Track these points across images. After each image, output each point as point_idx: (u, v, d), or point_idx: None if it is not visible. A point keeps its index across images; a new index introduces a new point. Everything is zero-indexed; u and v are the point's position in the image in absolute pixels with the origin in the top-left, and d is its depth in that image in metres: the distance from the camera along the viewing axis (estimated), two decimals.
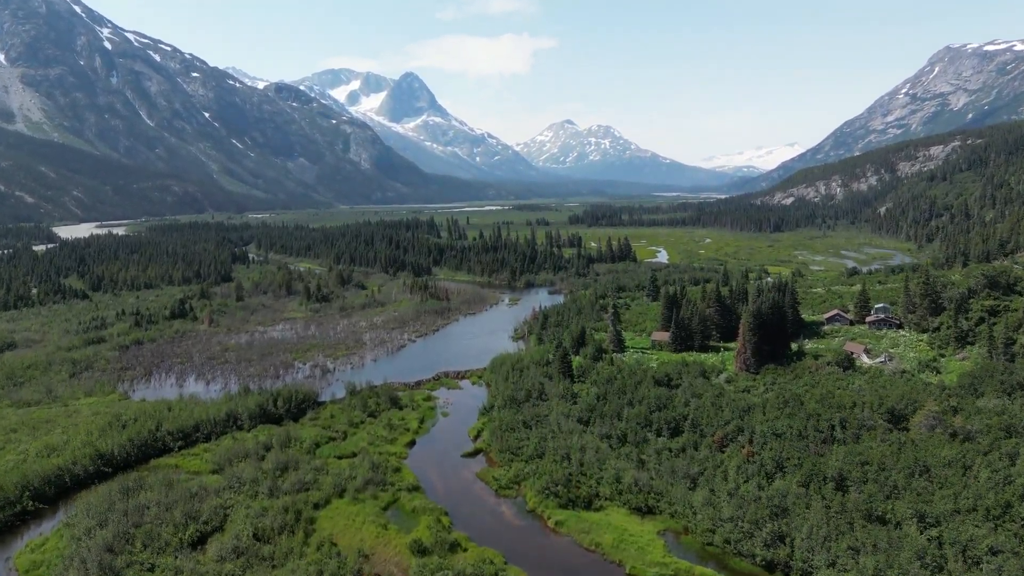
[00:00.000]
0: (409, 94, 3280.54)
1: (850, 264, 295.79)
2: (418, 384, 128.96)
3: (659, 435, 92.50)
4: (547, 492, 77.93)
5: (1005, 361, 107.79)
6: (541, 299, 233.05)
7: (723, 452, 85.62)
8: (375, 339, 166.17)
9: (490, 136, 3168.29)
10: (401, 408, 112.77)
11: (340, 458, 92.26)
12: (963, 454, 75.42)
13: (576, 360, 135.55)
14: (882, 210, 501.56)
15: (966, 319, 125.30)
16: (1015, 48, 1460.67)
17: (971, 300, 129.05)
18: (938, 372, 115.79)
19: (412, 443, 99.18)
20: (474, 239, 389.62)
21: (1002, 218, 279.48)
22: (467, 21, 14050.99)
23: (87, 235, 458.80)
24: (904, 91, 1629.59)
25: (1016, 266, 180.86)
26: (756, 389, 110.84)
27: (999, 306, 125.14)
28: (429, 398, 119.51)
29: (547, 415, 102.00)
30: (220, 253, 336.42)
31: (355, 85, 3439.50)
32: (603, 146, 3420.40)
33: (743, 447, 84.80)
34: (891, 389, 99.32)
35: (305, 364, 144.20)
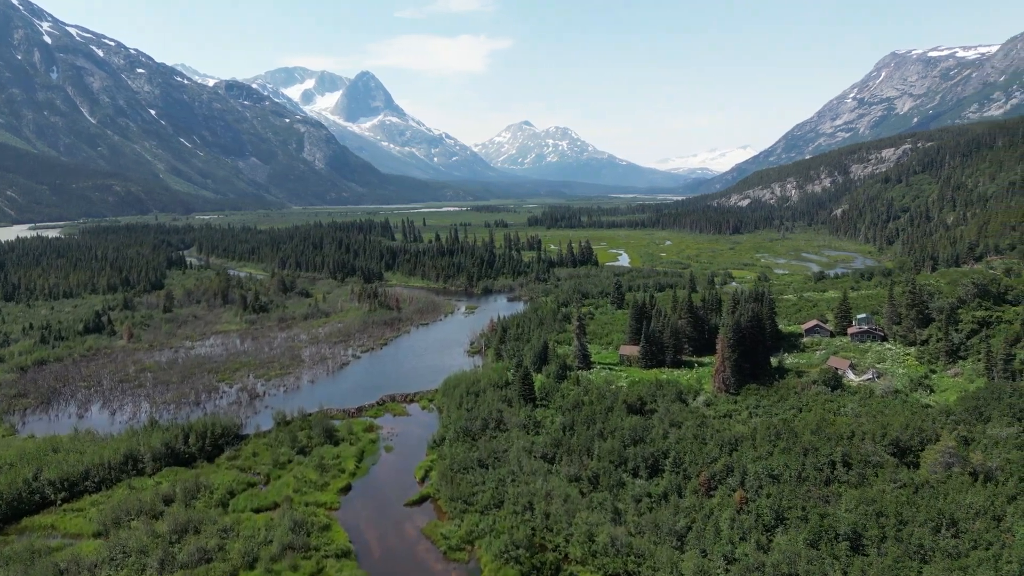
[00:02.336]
0: (365, 93, 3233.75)
1: (814, 268, 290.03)
2: (359, 411, 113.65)
3: (636, 475, 79.60)
4: (506, 556, 64.12)
5: (1005, 379, 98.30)
6: (500, 306, 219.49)
7: (711, 497, 73.14)
8: (315, 356, 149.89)
9: (448, 136, 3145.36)
10: (337, 443, 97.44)
11: (258, 511, 76.88)
12: (990, 501, 64.34)
13: (539, 379, 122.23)
14: (838, 212, 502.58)
15: (956, 331, 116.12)
16: (958, 55, 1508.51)
17: (960, 310, 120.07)
18: (931, 391, 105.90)
19: (347, 488, 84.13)
20: (430, 241, 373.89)
21: (964, 220, 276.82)
22: (425, 20, 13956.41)
23: (14, 238, 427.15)
24: (852, 95, 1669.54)
25: (992, 271, 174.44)
26: (739, 414, 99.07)
27: (991, 317, 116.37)
28: (371, 428, 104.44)
29: (506, 450, 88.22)
30: (155, 257, 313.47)
31: (309, 84, 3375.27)
32: (561, 147, 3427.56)
33: (734, 491, 72.46)
34: (892, 416, 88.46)
35: (232, 387, 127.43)
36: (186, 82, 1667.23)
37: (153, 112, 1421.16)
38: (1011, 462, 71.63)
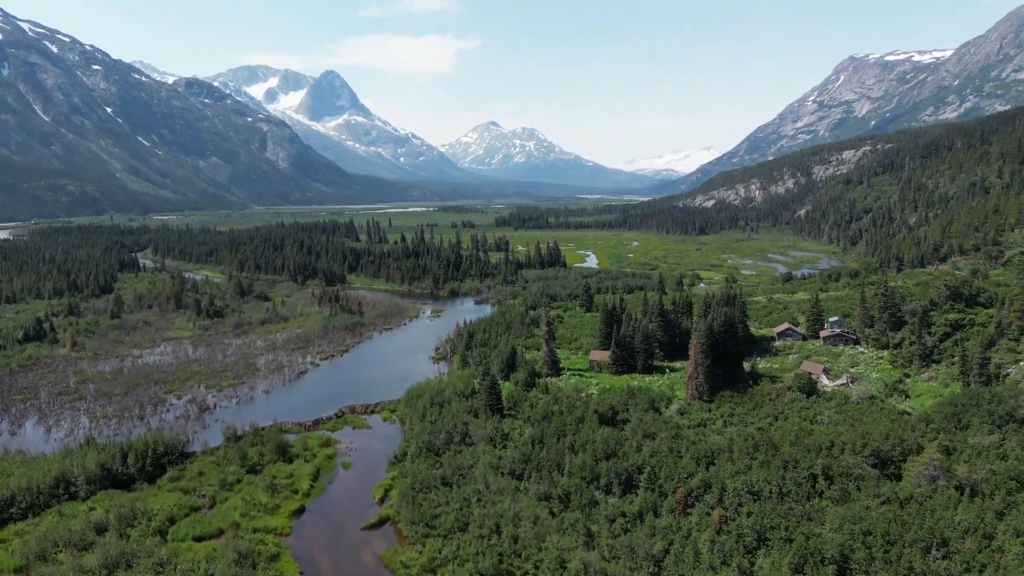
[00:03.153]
0: (330, 92, 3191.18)
1: (781, 269, 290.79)
2: (316, 423, 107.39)
3: (609, 492, 75.22)
4: None
5: (981, 384, 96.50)
6: (466, 310, 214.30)
7: (689, 515, 69.10)
8: (271, 364, 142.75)
9: (414, 136, 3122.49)
10: (291, 460, 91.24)
11: (200, 540, 70.59)
12: (979, 517, 61.37)
13: (506, 387, 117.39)
14: (802, 213, 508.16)
15: (929, 334, 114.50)
16: (913, 59, 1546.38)
17: (932, 313, 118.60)
18: (906, 396, 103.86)
19: (300, 511, 78.14)
20: (395, 242, 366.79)
21: (926, 221, 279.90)
22: (390, 20, 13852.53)
23: None
24: (812, 98, 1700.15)
25: (958, 271, 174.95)
26: (714, 423, 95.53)
27: (963, 319, 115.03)
28: (328, 443, 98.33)
29: (472, 466, 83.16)
30: (106, 260, 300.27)
31: (273, 82, 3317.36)
32: (528, 148, 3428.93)
33: (713, 508, 68.52)
34: (871, 425, 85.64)
35: (180, 399, 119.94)
36: (144, 79, 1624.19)
37: (110, 110, 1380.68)
38: (996, 473, 68.96)
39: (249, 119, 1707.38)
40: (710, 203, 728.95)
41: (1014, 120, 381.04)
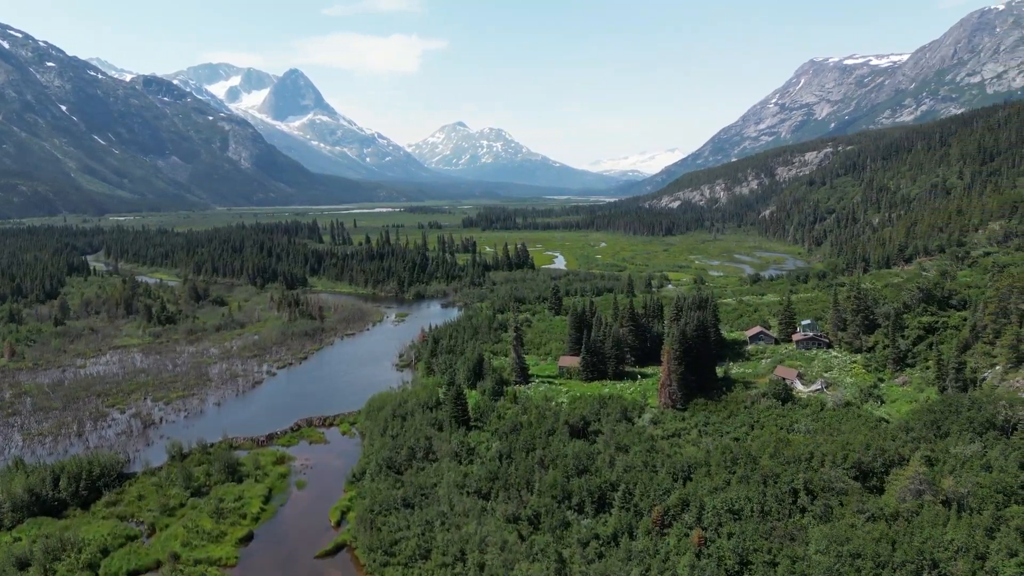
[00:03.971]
0: (294, 91, 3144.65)
1: (748, 270, 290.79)
2: (270, 438, 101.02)
3: (581, 512, 70.79)
4: None
5: (958, 389, 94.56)
6: (432, 313, 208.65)
7: (666, 536, 65.01)
8: (224, 373, 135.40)
9: (381, 136, 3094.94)
10: (241, 479, 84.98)
11: (136, 574, 64.30)
12: (970, 535, 58.36)
13: (473, 396, 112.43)
14: (766, 213, 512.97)
15: (902, 337, 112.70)
16: (871, 63, 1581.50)
17: (905, 315, 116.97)
18: (882, 402, 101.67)
19: (248, 538, 72.14)
20: (360, 244, 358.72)
21: (890, 222, 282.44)
22: (355, 19, 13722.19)
23: None
24: (774, 101, 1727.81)
25: (924, 272, 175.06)
26: (688, 433, 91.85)
27: (937, 323, 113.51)
28: (282, 460, 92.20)
29: (436, 484, 78.02)
30: (54, 263, 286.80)
31: (235, 81, 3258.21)
32: (495, 148, 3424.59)
33: (691, 528, 64.56)
34: (850, 434, 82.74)
35: (124, 413, 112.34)
36: (101, 77, 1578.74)
37: (64, 108, 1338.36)
38: (982, 486, 66.19)
39: (210, 118, 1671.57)
40: (676, 204, 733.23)
41: (972, 122, 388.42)
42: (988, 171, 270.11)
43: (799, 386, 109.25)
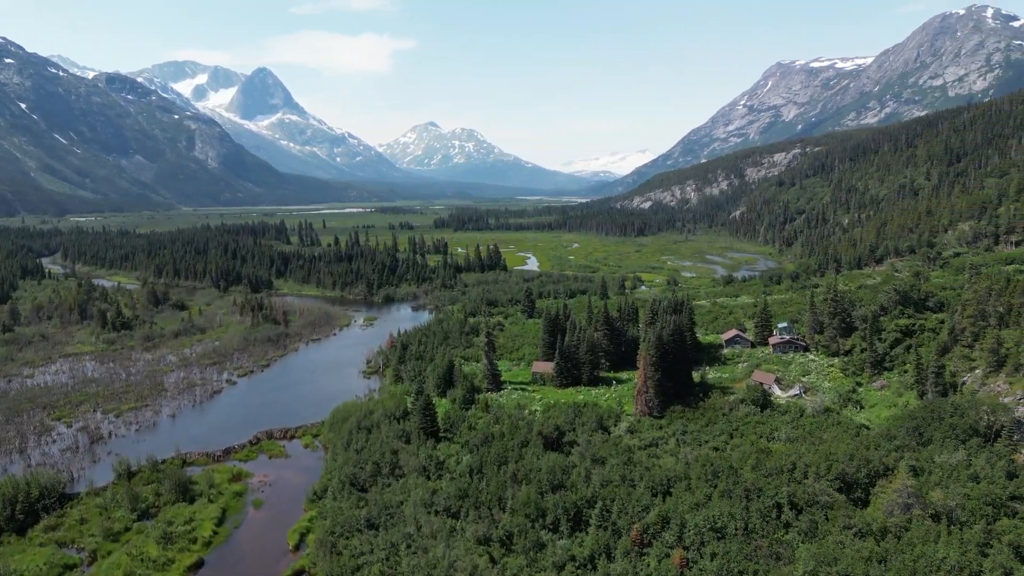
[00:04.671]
0: (263, 90, 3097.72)
1: (720, 271, 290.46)
2: (227, 453, 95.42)
3: (556, 531, 66.91)
4: None
5: (938, 395, 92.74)
6: (402, 317, 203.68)
7: (645, 556, 61.43)
8: (181, 382, 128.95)
9: (351, 136, 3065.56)
10: (193, 499, 79.50)
11: None
12: (963, 552, 55.73)
13: (443, 405, 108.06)
14: (737, 214, 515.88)
15: (880, 340, 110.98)
16: (837, 65, 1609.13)
17: (882, 318, 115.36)
18: (861, 407, 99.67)
19: (198, 565, 66.93)
20: (328, 245, 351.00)
21: (860, 222, 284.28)
22: (324, 17, 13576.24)
23: None
24: (743, 103, 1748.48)
25: (897, 273, 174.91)
26: (666, 442, 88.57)
27: (914, 325, 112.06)
28: (239, 476, 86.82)
29: (402, 503, 73.47)
30: (6, 266, 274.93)
31: (202, 79, 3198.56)
32: (467, 149, 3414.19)
33: (672, 548, 61.05)
34: (832, 443, 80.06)
35: (70, 427, 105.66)
36: (62, 74, 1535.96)
37: (24, 106, 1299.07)
38: (970, 498, 63.87)
39: (176, 116, 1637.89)
40: (647, 204, 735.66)
41: (937, 124, 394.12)
42: (955, 172, 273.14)
43: (777, 391, 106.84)
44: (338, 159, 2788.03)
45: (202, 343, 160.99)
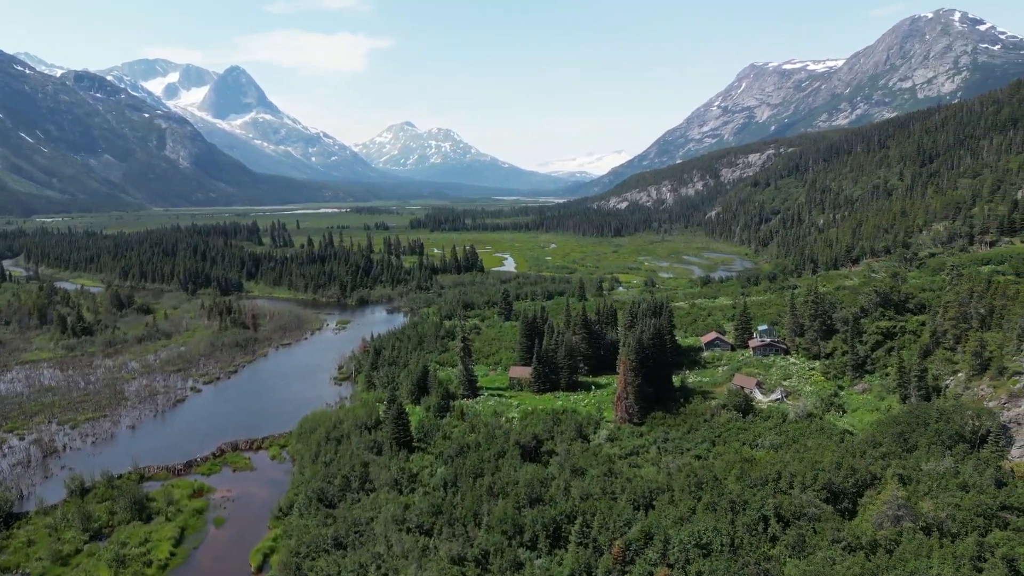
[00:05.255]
0: (236, 89, 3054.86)
1: (697, 271, 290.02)
2: (188, 466, 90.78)
3: (534, 549, 63.72)
4: None
5: (921, 398, 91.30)
6: (376, 320, 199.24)
7: (627, 574, 58.48)
8: (143, 391, 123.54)
9: (326, 136, 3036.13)
10: (150, 518, 75.02)
11: None
12: (957, 568, 53.60)
13: (417, 413, 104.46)
14: (712, 214, 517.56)
15: (861, 342, 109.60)
16: (809, 67, 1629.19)
17: (863, 320, 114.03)
18: (843, 411, 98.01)
19: None
20: (301, 246, 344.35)
21: (835, 222, 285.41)
22: (299, 16, 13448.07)
23: None
24: (717, 104, 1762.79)
25: (873, 274, 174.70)
26: (647, 451, 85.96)
27: (895, 327, 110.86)
28: (200, 492, 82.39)
29: (372, 520, 69.77)
30: None
31: (173, 77, 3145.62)
32: (444, 149, 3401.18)
33: (655, 567, 58.21)
34: (817, 451, 78.00)
35: (23, 440, 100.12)
36: (28, 72, 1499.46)
37: None
38: (961, 509, 61.93)
39: (146, 115, 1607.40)
40: (624, 205, 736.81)
41: (908, 125, 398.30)
42: (928, 172, 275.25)
43: (758, 396, 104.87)
44: (313, 159, 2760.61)
45: (167, 349, 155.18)
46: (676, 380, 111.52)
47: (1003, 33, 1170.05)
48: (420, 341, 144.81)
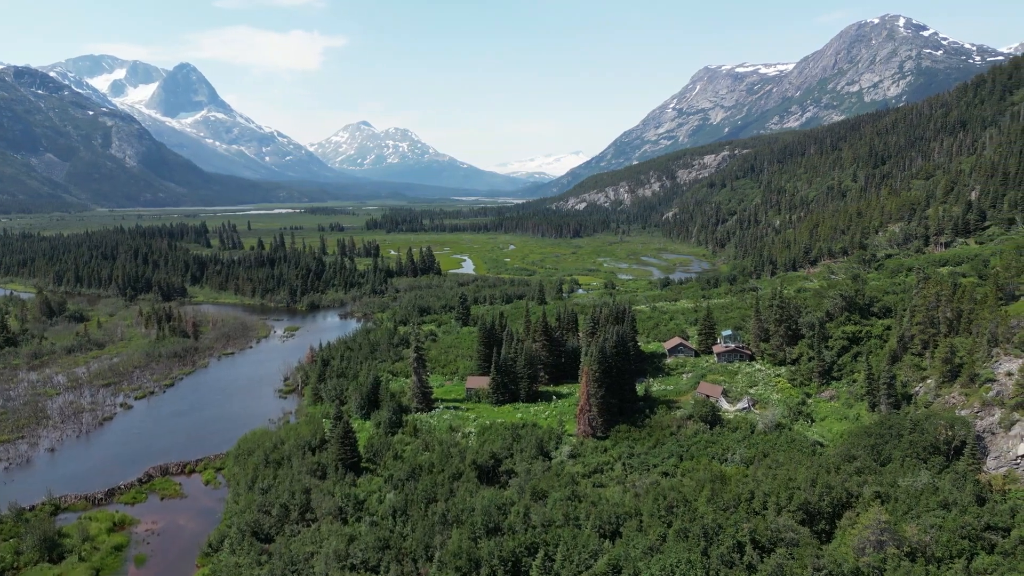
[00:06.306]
0: (186, 86, 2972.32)
1: (656, 272, 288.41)
2: (110, 495, 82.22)
3: None
4: None
5: (891, 407, 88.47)
6: (328, 325, 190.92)
7: None
8: (67, 408, 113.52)
9: (280, 135, 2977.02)
10: (62, 556, 66.79)
11: None
12: None
13: (366, 429, 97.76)
14: (669, 215, 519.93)
15: (827, 348, 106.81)
16: (760, 71, 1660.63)
17: (828, 325, 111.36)
18: (812, 420, 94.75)
19: None
20: (251, 248, 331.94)
21: (791, 223, 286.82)
22: (250, 12, 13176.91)
23: None
24: (672, 106, 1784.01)
25: (833, 276, 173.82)
26: (612, 468, 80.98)
27: (860, 332, 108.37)
28: (122, 524, 74.24)
29: (313, 555, 62.94)
30: None
31: (120, 74, 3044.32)
32: (401, 149, 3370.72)
33: None
34: (790, 466, 73.97)
35: None
36: None
37: None
38: (944, 530, 58.30)
39: (91, 113, 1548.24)
40: (582, 206, 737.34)
41: (859, 127, 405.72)
42: (881, 174, 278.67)
43: (725, 405, 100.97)
44: (267, 158, 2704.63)
45: (98, 360, 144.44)
46: (640, 388, 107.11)
47: (945, 39, 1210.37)
48: (372, 349, 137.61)
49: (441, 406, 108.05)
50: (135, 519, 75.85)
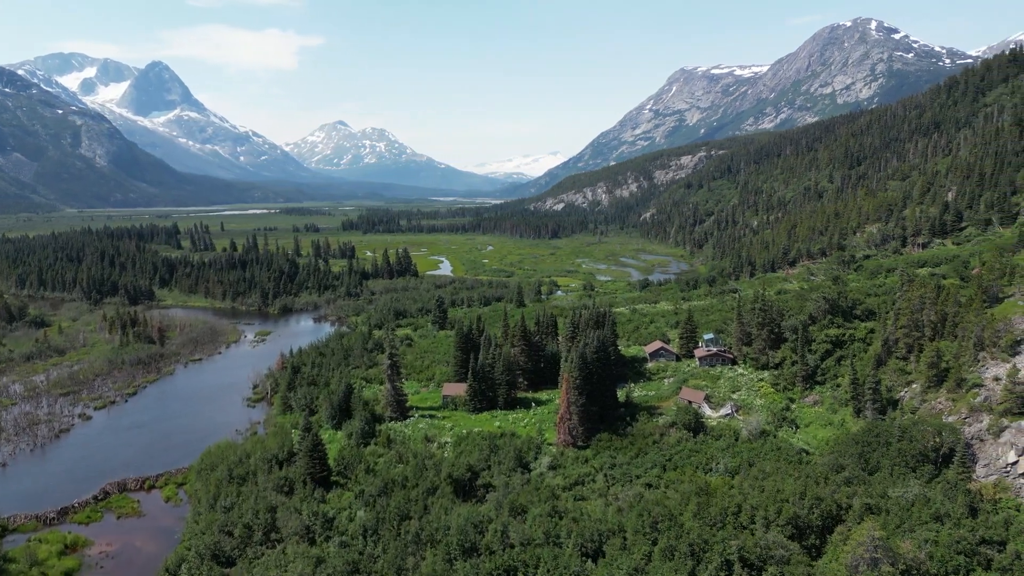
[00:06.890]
0: (158, 85, 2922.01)
1: (635, 274, 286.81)
2: (63, 514, 77.40)
3: None
4: None
5: (877, 413, 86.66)
6: (302, 329, 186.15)
7: None
8: (22, 419, 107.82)
9: (255, 134, 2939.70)
10: None
11: None
12: None
13: (337, 440, 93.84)
14: (647, 216, 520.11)
15: (810, 351, 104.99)
16: (735, 73, 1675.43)
17: (811, 328, 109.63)
18: (796, 426, 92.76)
19: None
20: (223, 250, 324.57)
21: (768, 224, 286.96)
22: (224, 10, 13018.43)
23: None
24: (648, 107, 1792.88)
25: (812, 277, 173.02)
26: (593, 480, 78.05)
27: (843, 335, 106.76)
28: (75, 546, 69.65)
29: None
30: None
31: (90, 72, 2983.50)
32: (379, 149, 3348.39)
33: None
34: (777, 477, 71.55)
35: None
36: None
37: None
38: (939, 545, 56.11)
39: (60, 111, 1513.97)
40: (560, 206, 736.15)
41: (834, 128, 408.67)
42: (857, 175, 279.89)
43: (708, 411, 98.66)
44: (242, 158, 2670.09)
45: (58, 367, 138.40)
46: (621, 394, 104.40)
47: (916, 42, 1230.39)
48: (346, 355, 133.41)
49: (416, 414, 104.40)
50: (89, 540, 71.30)
